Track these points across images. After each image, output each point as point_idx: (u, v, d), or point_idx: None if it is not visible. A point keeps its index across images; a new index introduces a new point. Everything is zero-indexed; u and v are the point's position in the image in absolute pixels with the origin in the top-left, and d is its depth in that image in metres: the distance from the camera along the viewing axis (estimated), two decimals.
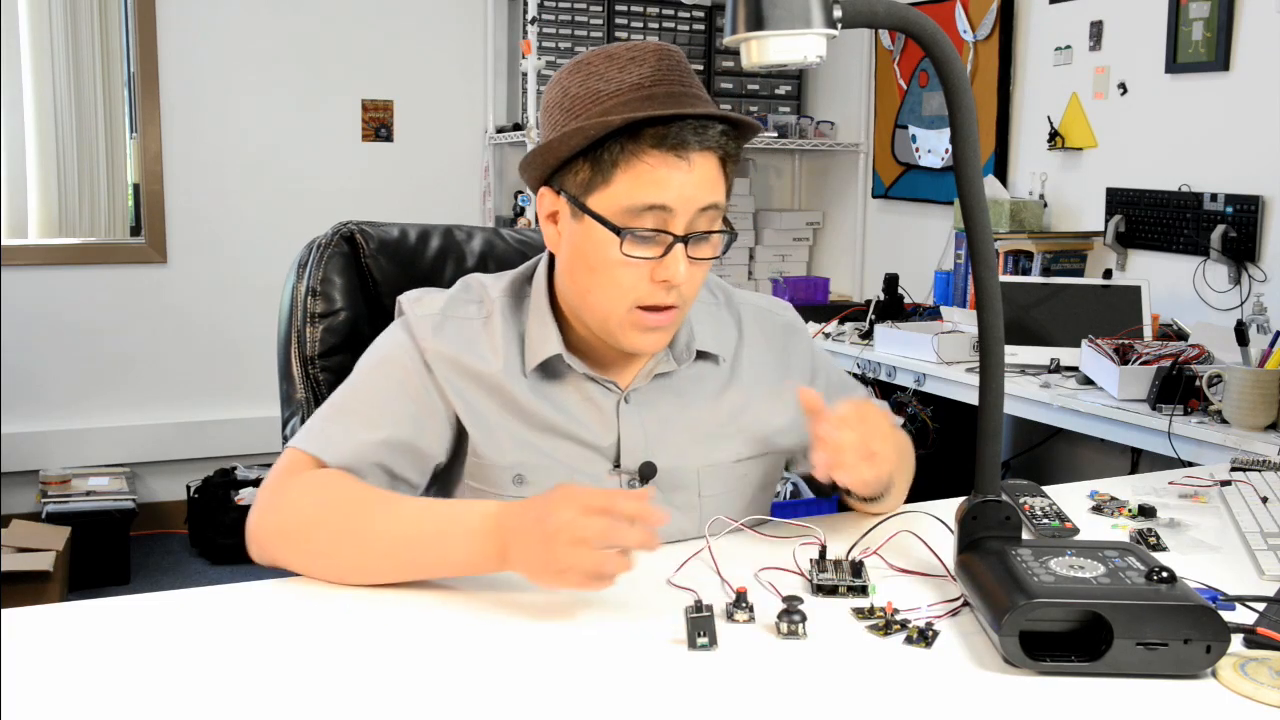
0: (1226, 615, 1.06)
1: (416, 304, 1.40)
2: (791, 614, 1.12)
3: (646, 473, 1.40)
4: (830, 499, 1.56)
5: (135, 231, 4.37)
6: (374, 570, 1.23)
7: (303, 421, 1.53)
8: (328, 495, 1.27)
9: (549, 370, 1.39)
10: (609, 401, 1.41)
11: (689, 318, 1.44)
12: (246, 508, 4.75)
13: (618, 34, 4.64)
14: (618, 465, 1.40)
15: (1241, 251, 3.19)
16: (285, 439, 1.57)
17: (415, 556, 1.22)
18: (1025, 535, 1.33)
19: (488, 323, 1.39)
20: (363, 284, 1.60)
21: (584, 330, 1.39)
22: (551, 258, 1.43)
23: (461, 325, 1.38)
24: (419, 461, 1.36)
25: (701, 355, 1.46)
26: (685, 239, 1.29)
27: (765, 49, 1.13)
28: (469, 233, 1.70)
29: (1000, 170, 4.02)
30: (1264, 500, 1.58)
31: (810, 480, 1.62)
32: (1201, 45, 3.30)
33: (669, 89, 1.29)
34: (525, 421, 1.37)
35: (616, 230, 1.28)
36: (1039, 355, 2.99)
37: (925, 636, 1.12)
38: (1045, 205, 3.82)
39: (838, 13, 1.11)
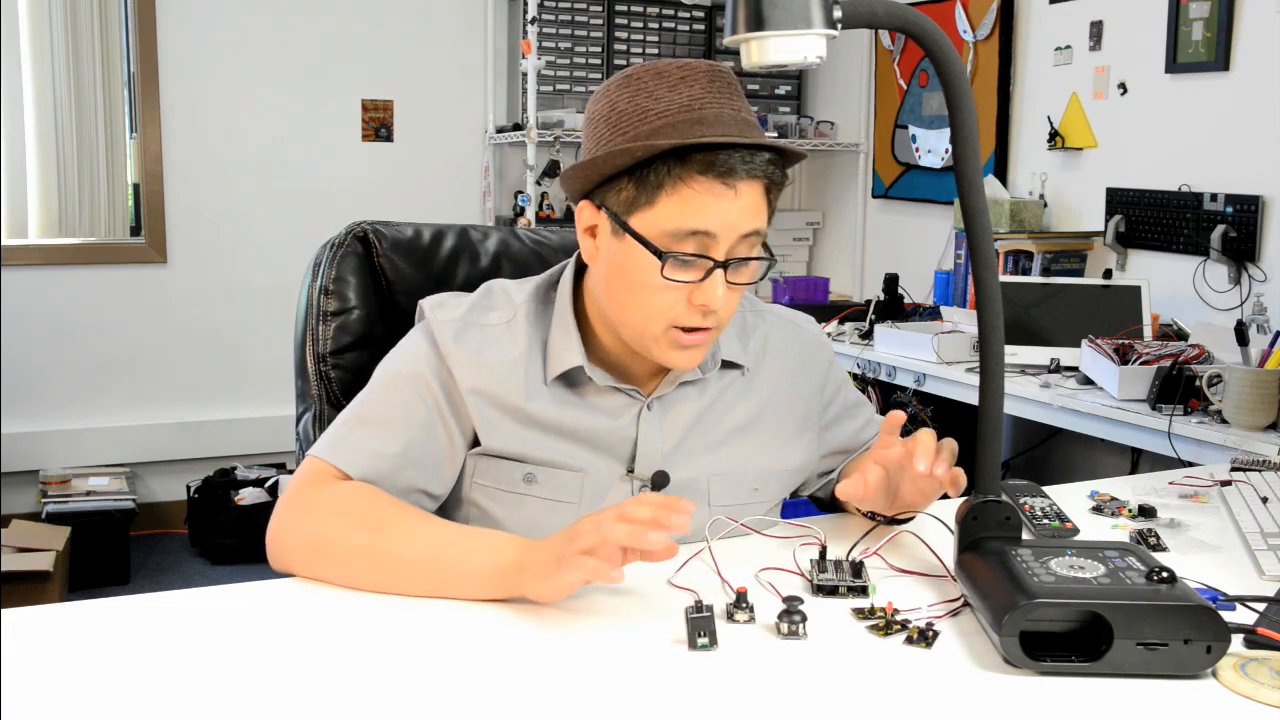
0: (1226, 615, 1.07)
1: (439, 309, 1.39)
2: (792, 614, 1.12)
3: (659, 481, 1.40)
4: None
5: (135, 231, 4.37)
6: (390, 586, 1.23)
7: (315, 418, 1.56)
8: (351, 509, 1.27)
9: (570, 379, 1.39)
10: (631, 408, 1.40)
11: None
12: (247, 508, 4.70)
13: (618, 34, 4.64)
14: (631, 471, 1.40)
15: (1241, 251, 3.20)
16: (299, 435, 1.59)
17: (433, 579, 1.22)
18: (1025, 535, 1.33)
19: (510, 329, 1.38)
20: (375, 283, 1.60)
21: (611, 341, 1.39)
22: (578, 267, 1.42)
23: (483, 331, 1.38)
24: (437, 471, 1.36)
25: (727, 364, 1.45)
26: (725, 264, 1.28)
27: (765, 49, 1.13)
28: (484, 233, 1.69)
29: (1000, 170, 4.02)
30: (1264, 500, 1.58)
31: (817, 501, 1.62)
32: (1201, 45, 3.30)
33: (718, 112, 1.27)
34: (541, 426, 1.37)
35: (659, 254, 1.27)
36: (1039, 355, 2.99)
37: (925, 637, 1.12)
38: (1045, 205, 3.82)
39: (838, 13, 1.11)
